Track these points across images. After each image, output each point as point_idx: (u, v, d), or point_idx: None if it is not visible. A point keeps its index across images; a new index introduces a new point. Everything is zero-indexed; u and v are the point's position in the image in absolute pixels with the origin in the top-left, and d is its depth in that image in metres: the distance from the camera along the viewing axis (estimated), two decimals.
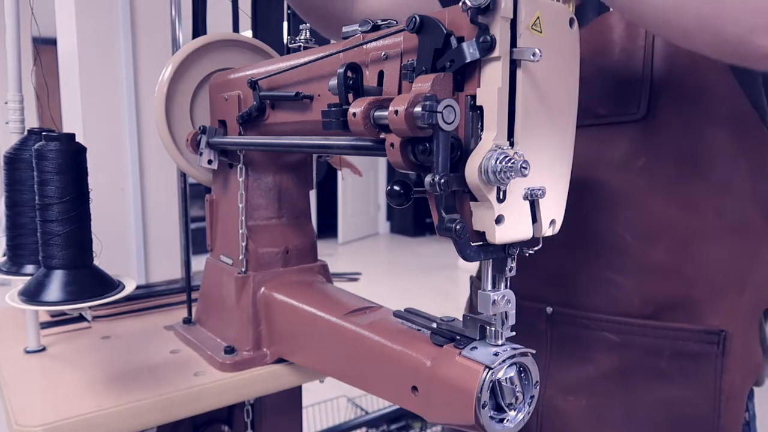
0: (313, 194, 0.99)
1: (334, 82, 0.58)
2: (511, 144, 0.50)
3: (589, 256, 0.75)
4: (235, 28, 1.28)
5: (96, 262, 0.78)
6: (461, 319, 0.58)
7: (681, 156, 0.70)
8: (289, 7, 1.23)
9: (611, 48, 0.71)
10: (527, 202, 0.52)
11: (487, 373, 0.52)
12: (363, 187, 7.53)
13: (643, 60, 0.68)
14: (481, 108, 0.50)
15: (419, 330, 0.63)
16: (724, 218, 0.70)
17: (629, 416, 0.75)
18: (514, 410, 0.55)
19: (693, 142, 0.70)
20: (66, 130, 1.31)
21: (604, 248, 0.74)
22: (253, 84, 0.79)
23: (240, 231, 0.87)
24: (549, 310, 0.79)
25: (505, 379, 0.53)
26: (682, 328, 0.71)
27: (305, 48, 0.81)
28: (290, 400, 1.02)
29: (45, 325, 1.01)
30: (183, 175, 1.03)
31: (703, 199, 0.70)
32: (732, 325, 0.70)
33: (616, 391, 0.75)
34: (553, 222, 0.55)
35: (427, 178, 0.48)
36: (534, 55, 0.46)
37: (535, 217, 0.53)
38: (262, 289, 0.85)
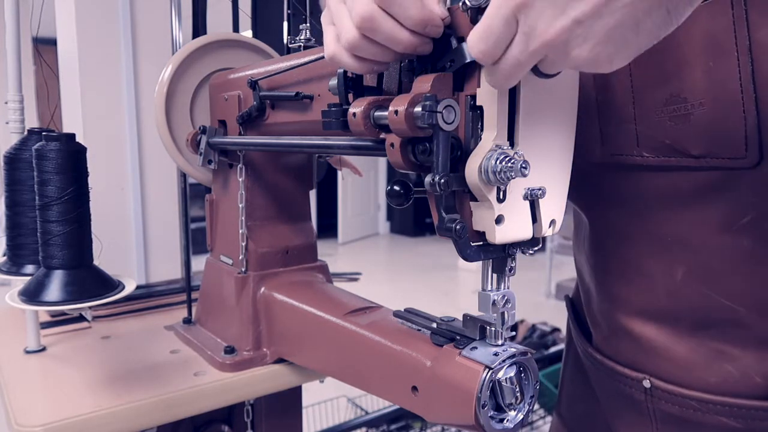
0: (313, 194, 0.99)
1: (334, 82, 0.58)
2: (511, 144, 0.50)
3: (692, 328, 0.62)
4: (235, 28, 1.28)
5: (96, 262, 0.78)
6: (461, 319, 0.58)
7: None
8: (289, 7, 1.23)
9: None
10: (527, 202, 0.52)
11: (487, 373, 0.52)
12: (363, 187, 7.53)
13: (741, 90, 0.54)
14: (481, 108, 0.50)
15: (419, 330, 0.63)
16: None
17: None
18: (514, 410, 0.55)
19: None
20: (66, 130, 1.31)
21: (711, 321, 0.60)
22: (253, 84, 0.79)
23: (240, 231, 0.87)
24: (647, 383, 0.65)
25: (505, 379, 0.53)
26: None
27: (305, 48, 0.81)
28: (290, 400, 1.02)
29: (45, 325, 1.01)
30: (183, 175, 1.03)
31: None
32: None
33: None
34: (553, 222, 0.55)
35: (427, 178, 0.48)
36: None
37: (535, 217, 0.53)
38: (262, 289, 0.85)
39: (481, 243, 0.52)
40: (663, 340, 0.63)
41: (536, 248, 0.55)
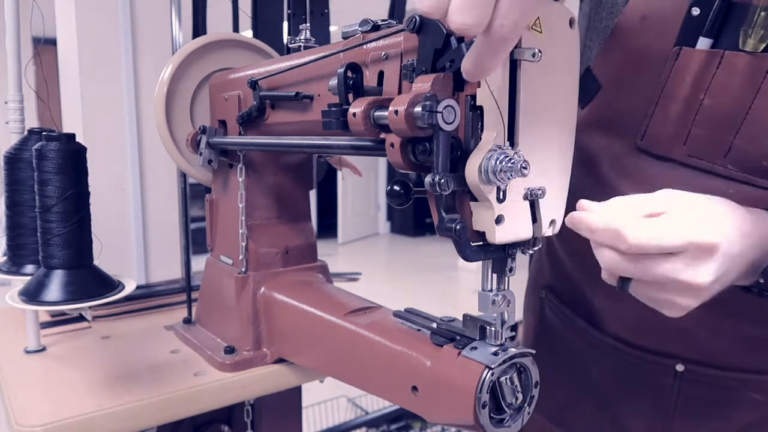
0: (313, 194, 0.99)
1: (334, 82, 0.58)
2: (512, 144, 0.50)
3: (732, 308, 0.61)
4: (235, 28, 1.28)
5: (96, 262, 0.78)
6: (461, 319, 0.58)
7: None
8: (289, 7, 1.23)
9: None
10: (527, 202, 0.52)
11: (487, 373, 0.52)
12: (363, 187, 7.52)
13: None
14: (481, 108, 0.50)
15: (419, 330, 0.63)
16: None
17: None
18: (514, 410, 0.55)
19: None
20: (66, 130, 1.31)
21: (753, 300, 0.58)
22: (253, 84, 0.79)
23: (240, 231, 0.87)
24: (680, 367, 0.67)
25: (505, 379, 0.53)
26: None
27: (305, 48, 0.81)
28: (290, 400, 1.02)
29: (45, 325, 1.01)
30: (183, 175, 1.03)
31: None
32: None
33: None
34: (553, 222, 0.55)
35: (427, 178, 0.48)
36: (534, 55, 0.46)
37: (535, 217, 0.53)
38: (262, 289, 0.85)
39: (481, 243, 0.52)
40: (699, 324, 0.63)
41: (536, 248, 0.55)
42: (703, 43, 0.59)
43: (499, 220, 0.50)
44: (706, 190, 0.59)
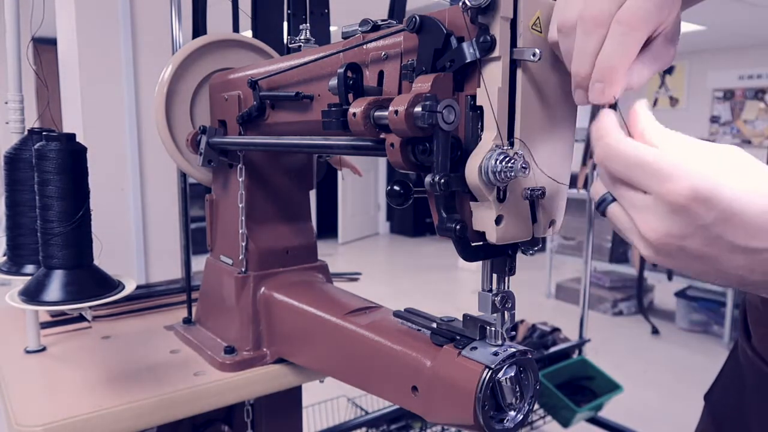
0: (313, 194, 0.99)
1: (334, 82, 0.58)
2: (511, 144, 0.50)
3: None
4: (235, 28, 1.28)
5: (96, 262, 0.78)
6: (461, 319, 0.58)
7: None
8: (289, 7, 1.23)
9: None
10: (527, 202, 0.52)
11: (487, 373, 0.52)
12: (363, 187, 7.52)
13: None
14: (481, 108, 0.50)
15: (419, 330, 0.63)
16: None
17: None
18: (514, 410, 0.55)
19: None
20: (66, 130, 1.31)
21: None
22: (253, 84, 0.79)
23: (240, 231, 0.87)
24: None
25: (505, 379, 0.53)
26: None
27: (305, 48, 0.81)
28: (290, 400, 1.02)
29: (45, 325, 1.01)
30: (183, 175, 1.03)
31: None
32: None
33: None
34: (553, 222, 0.55)
35: (427, 178, 0.48)
36: (534, 55, 0.47)
37: (535, 217, 0.53)
38: (262, 289, 0.85)
39: (481, 243, 0.52)
40: None
41: (536, 248, 0.55)
42: None
43: (499, 220, 0.50)
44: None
